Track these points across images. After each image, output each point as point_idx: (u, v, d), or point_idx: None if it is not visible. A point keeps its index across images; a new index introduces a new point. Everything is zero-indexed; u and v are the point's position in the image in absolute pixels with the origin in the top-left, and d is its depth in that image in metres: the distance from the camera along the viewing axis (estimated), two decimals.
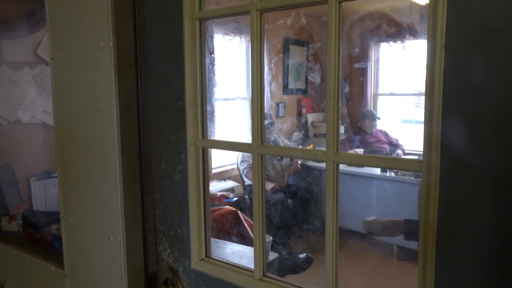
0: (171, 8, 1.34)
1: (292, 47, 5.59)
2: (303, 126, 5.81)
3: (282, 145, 4.89)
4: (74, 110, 1.53)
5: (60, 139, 1.60)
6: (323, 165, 4.76)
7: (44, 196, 3.50)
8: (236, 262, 1.37)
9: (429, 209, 0.91)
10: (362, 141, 5.13)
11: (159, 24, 1.40)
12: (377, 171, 4.55)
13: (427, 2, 0.89)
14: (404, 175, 4.28)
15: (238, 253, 1.86)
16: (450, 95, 0.87)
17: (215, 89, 4.24)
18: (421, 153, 0.93)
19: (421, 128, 0.94)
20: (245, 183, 4.65)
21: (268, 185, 4.50)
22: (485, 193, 0.84)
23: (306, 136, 5.71)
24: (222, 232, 3.05)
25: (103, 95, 1.41)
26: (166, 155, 1.43)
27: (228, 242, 2.47)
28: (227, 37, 5.12)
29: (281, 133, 5.57)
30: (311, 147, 5.39)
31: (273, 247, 3.29)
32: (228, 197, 4.18)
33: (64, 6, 1.51)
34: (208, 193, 1.39)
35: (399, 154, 5.03)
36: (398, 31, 4.99)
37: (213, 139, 1.38)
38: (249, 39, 5.25)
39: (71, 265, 1.64)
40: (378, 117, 5.34)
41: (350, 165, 4.20)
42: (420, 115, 5.34)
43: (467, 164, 0.86)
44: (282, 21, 5.23)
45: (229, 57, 5.11)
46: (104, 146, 1.44)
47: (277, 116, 5.54)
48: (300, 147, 5.48)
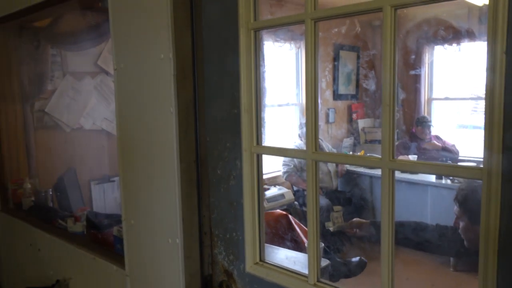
0: (227, 19, 1.39)
1: (342, 53, 5.55)
2: (353, 132, 5.73)
3: (327, 151, 4.85)
4: (135, 118, 1.61)
5: (122, 145, 1.69)
6: (373, 171, 4.70)
7: (103, 199, 3.69)
8: (289, 267, 1.39)
9: (490, 217, 0.89)
10: (416, 147, 5.00)
11: (215, 34, 1.45)
12: (432, 178, 4.40)
13: (486, 3, 0.88)
14: (460, 183, 4.13)
15: (291, 259, 1.87)
16: None
17: (265, 95, 4.28)
18: (479, 159, 0.91)
19: (478, 133, 0.92)
20: (294, 189, 4.66)
21: None
22: None
23: (357, 142, 5.64)
24: (274, 236, 3.07)
25: (163, 104, 1.48)
26: (221, 161, 1.47)
27: (280, 247, 2.48)
28: (277, 44, 5.17)
29: (331, 139, 5.53)
30: (363, 153, 5.31)
31: (324, 254, 3.27)
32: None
33: (127, 19, 1.60)
34: (262, 198, 1.42)
35: (455, 160, 4.85)
36: (455, 35, 4.83)
37: (266, 145, 1.41)
38: (299, 45, 5.27)
39: (132, 266, 1.73)
40: (431, 124, 5.19)
41: (403, 171, 4.10)
42: (477, 120, 5.13)
43: None
44: (334, 28, 5.21)
45: (279, 63, 5.15)
46: (163, 152, 1.51)
47: (327, 122, 5.51)
48: (350, 153, 5.41)
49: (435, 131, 5.23)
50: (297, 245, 3.26)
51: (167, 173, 1.50)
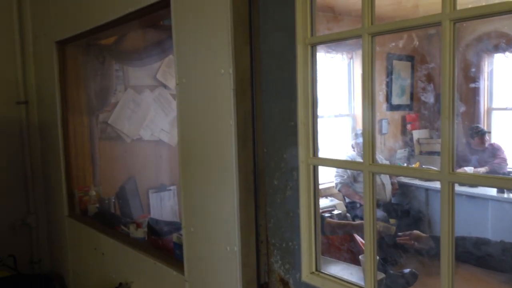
0: (284, 35, 1.44)
1: (396, 62, 5.46)
2: (408, 143, 5.60)
3: (379, 162, 4.76)
4: (196, 130, 1.70)
5: (183, 155, 1.78)
6: (428, 183, 4.56)
7: (160, 207, 3.84)
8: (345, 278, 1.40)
9: None
10: (474, 159, 4.81)
11: (272, 50, 1.50)
12: (493, 192, 4.21)
13: None
14: None
15: (346, 270, 1.88)
16: None
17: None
18: None
19: None
20: (347, 200, 4.61)
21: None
22: None
23: (411, 153, 5.49)
24: (328, 248, 3.06)
25: (222, 116, 1.55)
26: (278, 172, 1.52)
27: (333, 259, 2.47)
28: (329, 55, 5.18)
29: (384, 150, 5.43)
30: (418, 165, 5.17)
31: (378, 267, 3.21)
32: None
33: (189, 37, 1.69)
34: (318, 209, 1.45)
35: None
36: None
37: (323, 157, 1.43)
38: (350, 55, 5.25)
39: (191, 271, 1.80)
40: (487, 131, 4.97)
41: (461, 184, 3.96)
42: None
43: None
44: (390, 41, 5.15)
45: (331, 74, 5.15)
46: (222, 163, 1.57)
47: (380, 133, 5.42)
48: (405, 164, 5.29)
49: (495, 140, 5.01)
50: (350, 258, 3.22)
51: (226, 183, 1.56)
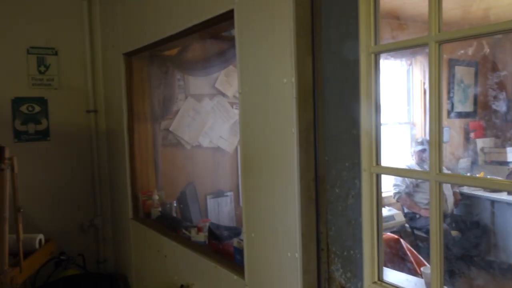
0: (347, 44, 1.45)
1: (458, 68, 5.26)
2: (471, 152, 5.36)
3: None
4: (258, 137, 1.74)
5: (245, 162, 1.82)
6: (494, 194, 4.33)
7: (217, 212, 3.93)
8: None
9: None
10: None
11: (335, 59, 1.52)
12: None
13: None
14: None
15: (410, 281, 1.84)
16: None
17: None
18: None
19: None
20: (405, 211, 4.49)
21: (425, 212, 4.26)
22: None
23: (475, 163, 5.25)
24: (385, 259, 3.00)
25: (284, 124, 1.58)
26: (340, 180, 1.53)
27: (393, 270, 2.42)
28: (386, 61, 5.08)
29: (445, 159, 5.23)
30: (482, 175, 4.94)
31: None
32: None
33: (251, 48, 1.74)
34: (381, 218, 1.44)
35: None
36: None
37: (386, 165, 1.42)
38: (410, 62, 5.13)
39: (251, 276, 1.84)
40: None
41: None
42: None
43: None
44: (450, 44, 4.97)
45: (389, 80, 5.04)
46: (284, 170, 1.60)
47: None
48: (468, 174, 5.06)
49: None
50: (408, 272, 3.13)
51: (288, 190, 1.59)
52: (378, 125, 1.42)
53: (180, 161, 3.63)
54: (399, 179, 4.32)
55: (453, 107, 5.25)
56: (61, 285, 2.95)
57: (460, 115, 5.35)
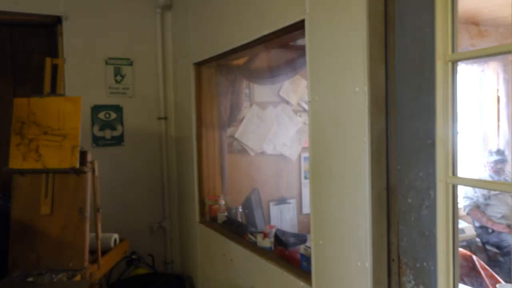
0: (422, 52, 1.43)
1: None
2: None
3: None
4: (328, 145, 1.75)
5: (314, 170, 1.84)
6: None
7: (280, 218, 3.96)
8: None
9: None
10: None
11: (409, 67, 1.50)
12: None
13: None
14: None
15: None
16: None
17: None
18: None
19: None
20: (476, 224, 4.27)
21: (498, 227, 4.02)
22: None
23: None
24: None
25: (355, 133, 1.59)
26: (413, 190, 1.50)
27: (464, 285, 2.33)
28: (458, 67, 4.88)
29: None
30: None
31: None
32: None
33: (322, 57, 1.77)
34: (457, 231, 1.40)
35: None
36: None
37: (464, 176, 1.39)
38: (482, 68, 4.88)
39: (319, 283, 1.84)
40: None
41: None
42: None
43: None
44: None
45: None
46: (354, 179, 1.61)
47: None
48: None
49: None
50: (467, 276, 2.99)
51: (358, 199, 1.59)
52: (454, 134, 1.39)
53: (244, 167, 3.71)
54: (470, 190, 4.12)
55: None
56: (133, 283, 3.11)
57: None
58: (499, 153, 4.17)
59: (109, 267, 2.68)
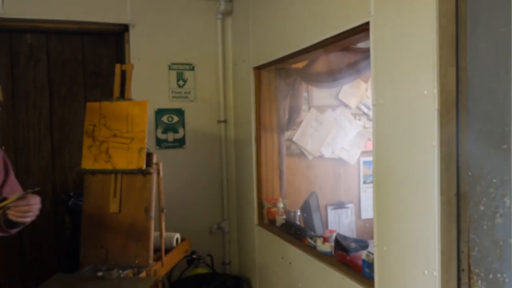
0: (497, 54, 1.37)
1: None
2: None
3: None
4: (393, 149, 1.71)
5: (378, 174, 1.81)
6: None
7: (338, 223, 3.91)
8: None
9: None
10: None
11: (482, 70, 1.44)
12: None
13: None
14: None
15: None
16: None
17: None
18: None
19: None
20: None
21: None
22: None
23: None
24: None
25: (423, 137, 1.54)
26: (486, 197, 1.43)
27: None
28: None
29: None
30: None
31: None
32: None
33: (388, 57, 1.73)
34: None
35: None
36: None
37: None
38: None
39: None
40: None
41: None
42: None
43: None
44: None
45: None
46: (422, 184, 1.56)
47: None
48: None
49: None
50: None
51: (426, 205, 1.54)
52: None
53: (302, 170, 3.70)
54: None
55: None
56: (193, 282, 3.19)
57: None
58: None
59: (171, 265, 2.77)
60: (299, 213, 3.08)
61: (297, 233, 2.72)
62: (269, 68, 3.09)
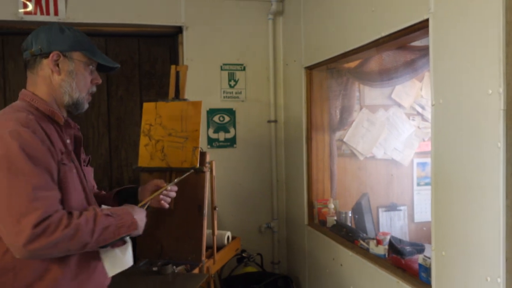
0: None
1: None
2: None
3: None
4: (453, 150, 1.65)
5: (436, 176, 1.75)
6: None
7: (390, 226, 3.81)
8: None
9: None
10: None
11: None
12: None
13: None
14: None
15: None
16: None
17: None
18: None
19: None
20: None
21: None
22: None
23: None
24: None
25: (487, 139, 1.48)
26: None
27: None
28: None
29: None
30: None
31: None
32: None
33: (449, 56, 1.67)
34: None
35: None
36: None
37: None
38: None
39: None
40: None
41: None
42: None
43: None
44: None
45: None
46: (485, 188, 1.49)
47: None
48: None
49: None
50: None
51: (490, 209, 1.47)
52: None
53: (353, 171, 3.64)
54: None
55: None
56: (243, 280, 3.23)
57: None
58: None
59: (223, 262, 2.81)
60: (350, 215, 3.04)
61: (348, 235, 2.69)
62: (320, 67, 3.07)
